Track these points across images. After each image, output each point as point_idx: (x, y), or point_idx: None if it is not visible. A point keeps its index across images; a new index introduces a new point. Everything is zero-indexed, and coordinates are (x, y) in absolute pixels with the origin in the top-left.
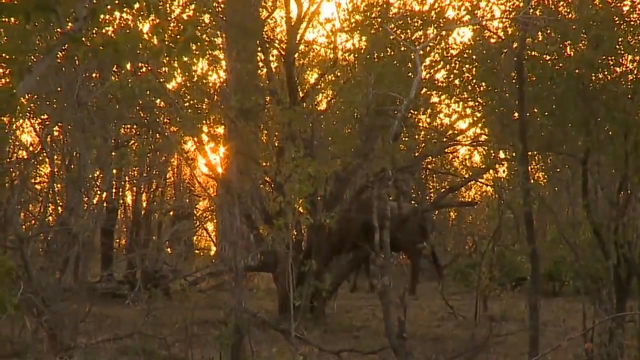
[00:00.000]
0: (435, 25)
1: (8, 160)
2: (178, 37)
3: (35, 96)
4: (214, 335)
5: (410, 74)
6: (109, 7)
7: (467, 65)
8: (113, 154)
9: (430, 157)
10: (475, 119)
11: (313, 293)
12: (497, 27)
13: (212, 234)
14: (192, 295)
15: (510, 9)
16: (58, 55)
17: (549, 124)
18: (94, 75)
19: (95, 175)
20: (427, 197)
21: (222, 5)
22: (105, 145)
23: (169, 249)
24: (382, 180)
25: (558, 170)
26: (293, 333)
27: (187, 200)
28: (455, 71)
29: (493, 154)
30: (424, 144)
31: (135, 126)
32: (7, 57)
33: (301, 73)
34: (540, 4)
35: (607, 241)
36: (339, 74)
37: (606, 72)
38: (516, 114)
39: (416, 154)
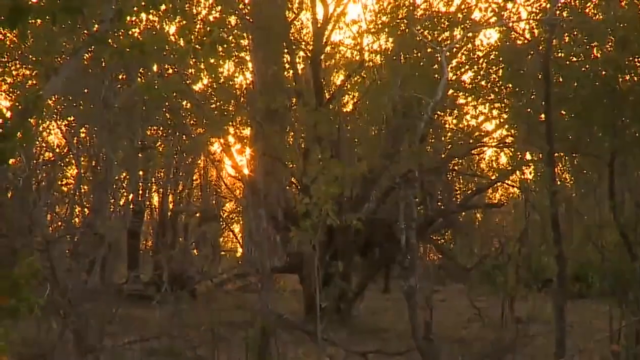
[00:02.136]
0: (461, 27)
1: (35, 161)
2: (204, 38)
3: (62, 98)
4: (241, 337)
5: (436, 75)
6: (135, 8)
7: (493, 67)
8: (139, 155)
9: (456, 158)
10: (501, 120)
11: (339, 294)
12: (524, 29)
13: (239, 236)
14: (219, 296)
15: (537, 11)
16: (84, 57)
17: (576, 125)
18: (120, 77)
19: (122, 176)
20: (454, 199)
21: (249, 7)
22: (132, 146)
23: (195, 251)
24: (408, 181)
25: (585, 172)
26: (319, 334)
27: (214, 202)
28: (481, 73)
29: (520, 156)
30: (450, 146)
31: (161, 128)
32: (34, 58)
33: (327, 74)
34: (567, 5)
35: (634, 243)
36: (365, 75)
37: (633, 74)
38: (543, 116)
39: (443, 156)
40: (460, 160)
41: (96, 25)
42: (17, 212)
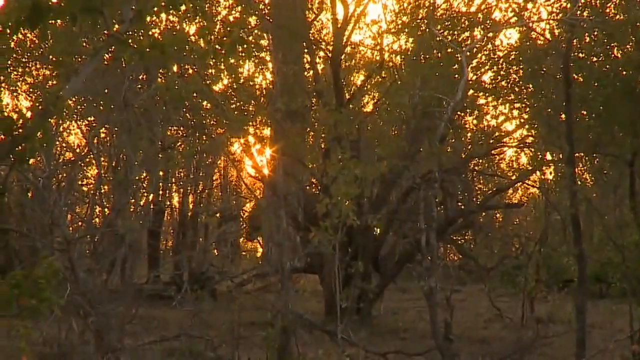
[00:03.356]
0: (482, 27)
1: (55, 162)
2: (224, 39)
3: (82, 98)
4: (261, 337)
5: (456, 75)
6: (155, 9)
7: (513, 67)
8: (160, 155)
9: (477, 158)
10: (522, 120)
11: (359, 295)
12: (544, 29)
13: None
14: (239, 296)
15: (557, 11)
16: (104, 57)
17: (596, 125)
18: (140, 77)
19: (142, 177)
20: (474, 199)
21: (268, 8)
22: (152, 147)
23: (215, 251)
24: (428, 182)
25: (605, 172)
26: (339, 334)
27: (234, 202)
28: (502, 73)
29: (540, 156)
30: (470, 146)
31: (181, 128)
32: (54, 59)
33: (347, 75)
34: (588, 5)
35: None
36: (385, 75)
37: None
38: (563, 116)
39: (463, 156)
40: (480, 161)
41: (116, 26)
42: (38, 212)
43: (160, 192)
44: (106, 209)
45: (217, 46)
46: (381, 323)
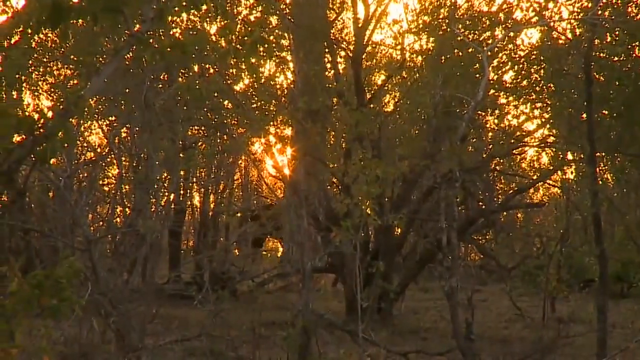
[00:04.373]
0: (503, 27)
1: (76, 161)
2: (245, 38)
3: (103, 98)
4: (281, 337)
5: (477, 75)
6: (176, 8)
7: (534, 66)
8: (181, 155)
9: (498, 158)
10: (543, 120)
11: (380, 294)
12: (565, 28)
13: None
14: (260, 296)
15: (579, 10)
16: (126, 57)
17: (617, 125)
18: (161, 77)
19: (163, 176)
20: (495, 199)
21: (290, 7)
22: (173, 146)
23: (236, 250)
24: (449, 181)
25: (626, 171)
26: (360, 334)
27: (255, 202)
28: (523, 72)
29: (561, 156)
30: (491, 145)
31: (202, 127)
32: (75, 58)
33: (368, 74)
34: (609, 5)
35: None
36: (406, 75)
37: None
38: (584, 115)
39: (484, 155)
40: (501, 160)
41: (137, 25)
42: (59, 212)
43: (181, 191)
44: (127, 209)
45: (238, 46)
46: (402, 323)
